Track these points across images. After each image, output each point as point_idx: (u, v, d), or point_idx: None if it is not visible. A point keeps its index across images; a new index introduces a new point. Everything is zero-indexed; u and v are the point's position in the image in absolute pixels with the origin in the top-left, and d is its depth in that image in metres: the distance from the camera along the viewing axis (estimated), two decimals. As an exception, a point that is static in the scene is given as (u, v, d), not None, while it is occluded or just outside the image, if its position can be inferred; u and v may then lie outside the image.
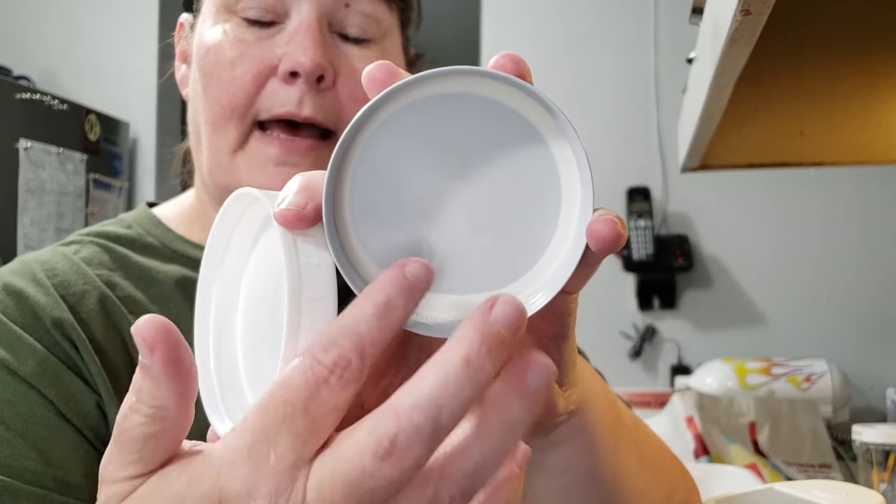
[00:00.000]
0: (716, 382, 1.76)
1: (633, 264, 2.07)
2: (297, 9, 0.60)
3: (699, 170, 1.05)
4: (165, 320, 0.29)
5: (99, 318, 0.59)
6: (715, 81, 0.66)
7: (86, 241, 0.66)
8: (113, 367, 0.58)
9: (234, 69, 0.60)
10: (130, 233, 0.68)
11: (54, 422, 0.54)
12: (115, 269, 0.64)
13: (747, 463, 1.36)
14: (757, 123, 0.94)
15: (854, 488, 0.68)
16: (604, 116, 2.19)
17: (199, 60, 0.62)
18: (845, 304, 2.07)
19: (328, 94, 0.60)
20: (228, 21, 0.61)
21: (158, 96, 2.54)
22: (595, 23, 2.22)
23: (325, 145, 0.61)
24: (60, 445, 0.54)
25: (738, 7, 0.49)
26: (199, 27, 0.64)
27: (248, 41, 0.60)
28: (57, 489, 0.53)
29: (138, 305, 0.62)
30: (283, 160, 0.59)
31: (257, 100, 0.60)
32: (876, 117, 0.94)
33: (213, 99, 0.61)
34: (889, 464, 1.13)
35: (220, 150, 0.61)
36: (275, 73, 0.60)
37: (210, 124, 0.61)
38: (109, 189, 2.41)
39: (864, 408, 1.98)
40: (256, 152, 0.60)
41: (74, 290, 0.60)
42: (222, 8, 0.62)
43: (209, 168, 0.63)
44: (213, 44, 0.61)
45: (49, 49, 2.60)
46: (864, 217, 2.07)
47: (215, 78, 0.60)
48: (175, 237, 0.68)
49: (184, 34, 0.70)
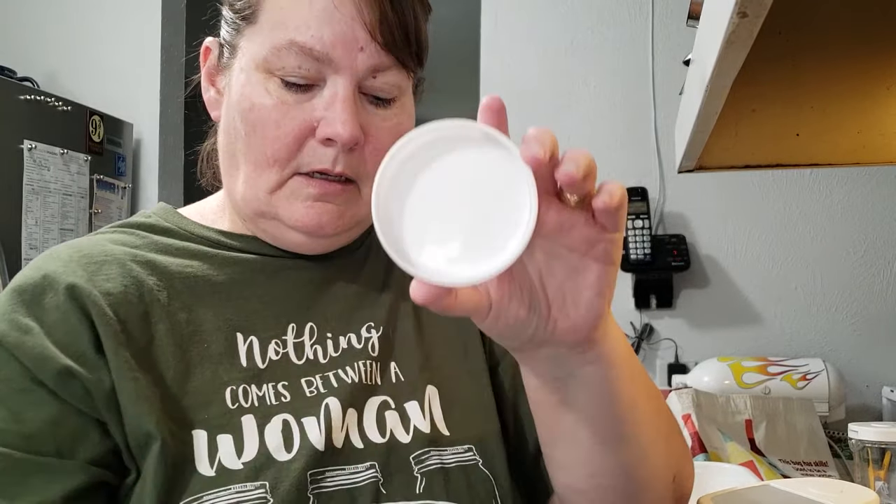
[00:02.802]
0: (713, 381, 1.77)
1: (630, 264, 2.08)
2: (332, 78, 0.68)
3: (696, 170, 1.05)
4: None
5: (119, 280, 0.67)
6: (711, 83, 0.66)
7: (109, 231, 0.75)
8: (127, 317, 0.66)
9: (277, 129, 0.68)
10: (150, 220, 0.76)
11: (29, 386, 0.61)
12: (139, 245, 0.72)
13: (744, 461, 1.35)
14: (753, 125, 0.94)
15: (848, 486, 0.69)
16: (601, 117, 2.20)
17: (242, 111, 0.69)
18: (841, 303, 2.08)
19: (356, 153, 0.70)
20: (269, 80, 0.68)
21: (161, 98, 2.54)
22: (593, 24, 2.23)
23: (350, 188, 0.71)
24: (31, 406, 0.61)
25: (734, 9, 0.50)
26: (238, 73, 0.71)
27: (290, 103, 0.68)
28: (21, 445, 0.59)
29: (157, 267, 0.70)
30: (321, 197, 0.70)
31: (297, 156, 0.69)
32: (871, 119, 0.95)
33: (258, 148, 0.69)
34: (885, 462, 1.14)
35: (259, 187, 0.70)
36: (313, 133, 0.68)
37: (253, 165, 0.70)
38: (113, 189, 2.42)
39: (859, 406, 2.00)
40: (298, 191, 0.70)
41: (96, 259, 0.68)
42: (262, 67, 0.69)
43: (245, 197, 0.72)
44: (256, 100, 0.69)
45: (53, 51, 2.60)
46: (859, 217, 2.08)
47: (259, 132, 0.69)
48: (191, 223, 0.76)
49: (211, 58, 0.76)
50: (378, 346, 0.73)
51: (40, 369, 0.61)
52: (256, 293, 0.72)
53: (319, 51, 0.66)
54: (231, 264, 0.73)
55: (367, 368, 0.72)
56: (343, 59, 0.67)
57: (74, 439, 0.61)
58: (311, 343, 0.71)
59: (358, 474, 0.66)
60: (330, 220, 0.70)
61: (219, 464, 0.62)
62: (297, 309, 0.73)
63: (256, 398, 0.66)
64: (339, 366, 0.71)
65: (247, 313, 0.70)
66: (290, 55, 0.67)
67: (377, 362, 0.73)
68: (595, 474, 0.63)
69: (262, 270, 0.73)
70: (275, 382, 0.68)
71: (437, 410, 0.72)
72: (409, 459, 0.68)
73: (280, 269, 0.74)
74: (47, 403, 0.61)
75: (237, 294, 0.71)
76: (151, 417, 0.61)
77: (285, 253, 0.75)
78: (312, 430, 0.66)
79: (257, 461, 0.63)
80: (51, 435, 0.60)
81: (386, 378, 0.72)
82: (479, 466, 0.71)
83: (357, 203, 0.72)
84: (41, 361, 0.61)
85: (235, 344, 0.68)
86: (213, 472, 0.62)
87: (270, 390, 0.67)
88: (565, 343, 0.53)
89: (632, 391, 0.59)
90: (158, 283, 0.68)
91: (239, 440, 0.64)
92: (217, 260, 0.73)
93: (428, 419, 0.71)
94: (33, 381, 0.61)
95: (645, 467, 0.63)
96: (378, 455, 0.67)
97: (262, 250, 0.74)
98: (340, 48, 0.66)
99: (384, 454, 0.67)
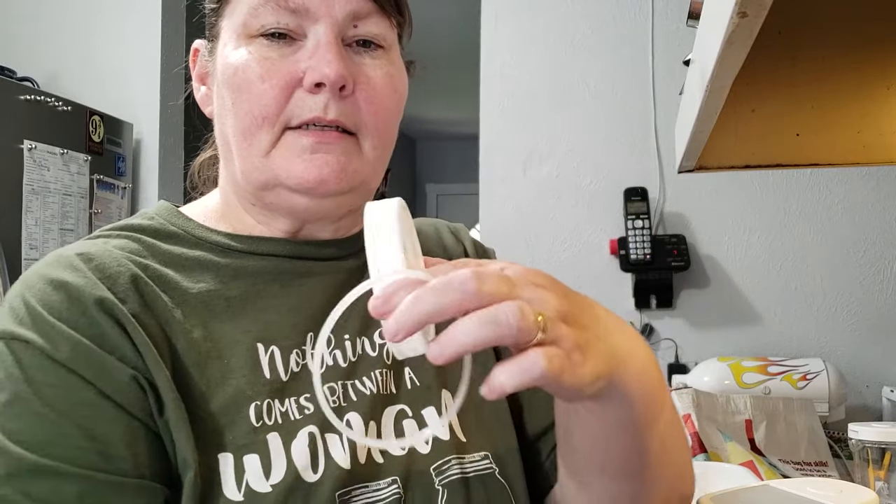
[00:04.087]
0: (713, 381, 1.77)
1: (630, 264, 2.08)
2: (313, 29, 0.67)
3: (696, 171, 1.05)
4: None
5: (135, 297, 0.63)
6: (711, 83, 0.66)
7: (113, 234, 0.71)
8: (151, 335, 0.62)
9: (262, 83, 0.66)
10: (153, 223, 0.72)
11: (95, 401, 0.58)
12: (145, 255, 0.68)
13: (744, 461, 1.35)
14: (753, 125, 0.94)
15: (847, 486, 0.69)
16: (601, 118, 2.20)
17: (227, 79, 0.69)
18: (841, 303, 2.08)
19: (348, 100, 0.68)
20: (251, 43, 0.68)
21: (161, 98, 2.54)
22: (593, 24, 2.23)
23: (349, 138, 0.68)
24: (103, 421, 0.58)
25: (734, 9, 0.50)
26: (221, 50, 0.70)
27: (273, 58, 0.67)
28: (101, 465, 0.57)
29: (170, 284, 0.67)
30: (318, 147, 0.67)
31: (286, 108, 0.67)
32: (870, 119, 0.95)
33: (244, 111, 0.67)
34: (885, 462, 1.14)
35: (252, 154, 0.68)
36: (300, 84, 0.67)
37: (242, 133, 0.68)
38: (113, 189, 2.42)
39: (859, 406, 2.00)
40: (292, 144, 0.67)
41: (109, 272, 0.64)
42: (243, 33, 0.68)
43: (244, 171, 0.69)
44: (240, 63, 0.68)
45: (53, 51, 2.60)
46: (859, 217, 2.08)
47: (245, 92, 0.67)
48: (196, 225, 0.73)
49: (200, 58, 0.76)
50: (391, 353, 0.73)
51: (104, 381, 0.58)
52: (272, 304, 0.70)
53: (296, 1, 0.66)
54: (244, 276, 0.70)
55: (382, 378, 0.71)
56: (320, 7, 0.67)
57: (151, 457, 0.59)
58: (329, 351, 0.70)
59: (381, 491, 0.65)
60: (332, 173, 0.67)
61: (246, 487, 0.60)
62: (313, 318, 0.70)
63: (280, 414, 0.64)
64: (357, 375, 0.70)
65: (265, 324, 0.68)
66: (266, 12, 0.67)
67: (391, 370, 0.72)
68: (602, 498, 0.65)
69: (275, 280, 0.71)
70: (297, 396, 0.66)
71: (454, 415, 0.72)
72: (429, 471, 0.68)
73: (294, 276, 0.72)
74: (118, 419, 0.58)
75: (252, 306, 0.69)
76: (189, 444, 0.59)
77: (298, 251, 0.73)
78: (336, 448, 0.65)
79: (286, 482, 0.61)
80: (128, 452, 0.58)
81: (401, 385, 0.72)
82: (495, 476, 0.71)
83: (359, 157, 0.69)
84: (103, 372, 0.58)
85: (257, 355, 0.66)
86: (240, 496, 0.60)
87: (293, 405, 0.65)
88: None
89: (646, 427, 0.58)
90: (171, 301, 0.65)
91: (266, 459, 0.62)
92: (229, 271, 0.70)
93: (447, 426, 0.70)
94: (99, 395, 0.58)
95: (653, 493, 0.64)
96: (398, 469, 0.67)
97: (275, 250, 0.72)
98: None
99: (404, 467, 0.67)
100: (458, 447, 0.70)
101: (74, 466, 0.56)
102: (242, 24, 0.68)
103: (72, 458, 0.56)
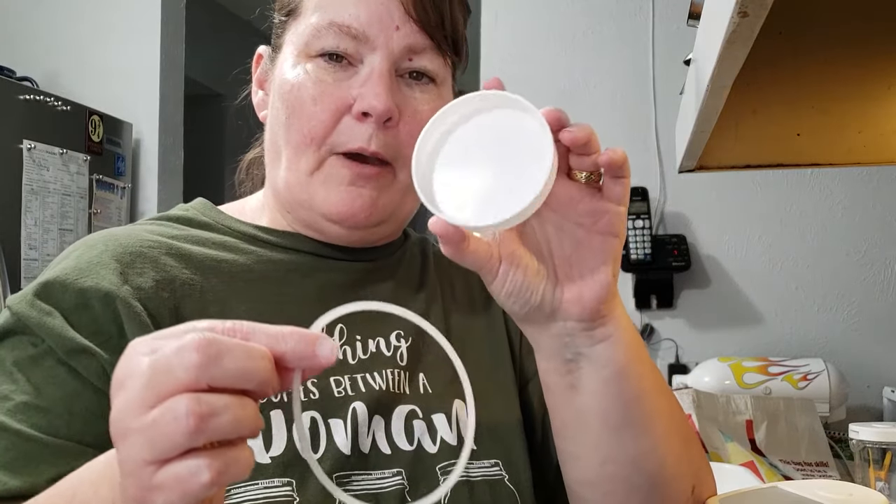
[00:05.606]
0: (713, 381, 1.77)
1: (630, 264, 2.08)
2: (369, 57, 0.70)
3: (696, 170, 1.05)
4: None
5: (150, 272, 0.67)
6: (712, 83, 0.67)
7: (149, 222, 0.76)
8: (157, 311, 0.66)
9: (314, 105, 0.70)
10: (188, 213, 0.77)
11: (49, 363, 0.62)
12: (175, 237, 0.72)
13: (745, 461, 1.36)
14: (754, 125, 0.94)
15: (857, 489, 0.69)
16: (601, 117, 2.20)
17: (283, 94, 0.72)
18: (842, 303, 2.08)
19: (391, 131, 0.71)
20: (309, 62, 0.71)
21: (161, 97, 2.54)
22: (593, 24, 2.23)
23: (385, 172, 0.72)
24: (52, 383, 0.62)
25: (735, 9, 0.50)
26: (281, 64, 0.74)
27: (328, 81, 0.70)
28: (41, 424, 0.60)
29: (192, 260, 0.70)
30: (354, 182, 0.71)
31: (333, 133, 0.70)
32: (871, 119, 0.95)
33: (296, 128, 0.71)
34: (885, 462, 1.14)
35: (300, 170, 0.72)
36: (349, 110, 0.70)
37: (292, 148, 0.72)
38: (112, 189, 2.42)
39: (860, 406, 1.99)
40: (333, 173, 0.71)
41: (131, 249, 0.68)
42: (303, 52, 0.72)
43: (288, 182, 0.73)
44: (296, 81, 0.71)
45: (52, 51, 2.60)
46: (859, 217, 2.08)
47: (298, 111, 0.71)
48: (230, 218, 0.77)
49: (263, 64, 0.80)
50: (406, 356, 0.74)
51: (61, 347, 0.62)
52: (289, 291, 0.72)
53: (357, 28, 0.69)
54: (266, 262, 0.73)
55: (394, 377, 0.72)
56: (379, 36, 0.70)
57: (87, 417, 0.61)
58: (340, 343, 0.71)
59: (384, 480, 0.67)
60: (363, 207, 0.70)
61: None
62: (327, 309, 0.72)
63: (285, 393, 0.65)
64: (367, 370, 0.71)
65: (279, 310, 0.70)
66: (328, 35, 0.70)
67: (405, 371, 0.73)
68: (606, 461, 0.64)
69: (296, 270, 0.74)
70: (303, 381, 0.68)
71: (464, 425, 0.72)
72: (435, 469, 0.69)
73: (314, 269, 0.74)
74: (67, 381, 0.62)
75: (269, 290, 0.72)
76: None
77: (322, 250, 0.75)
78: (339, 432, 0.67)
79: (285, 457, 0.63)
80: (66, 411, 0.61)
81: (414, 388, 0.73)
82: (504, 482, 0.72)
83: (392, 188, 0.72)
84: (61, 340, 0.62)
85: None
86: None
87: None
88: (573, 315, 0.59)
89: (641, 376, 0.62)
90: (192, 277, 0.69)
91: (267, 434, 0.64)
92: (253, 256, 0.73)
93: (455, 433, 0.72)
94: (56, 360, 0.62)
95: (655, 460, 0.64)
96: (405, 462, 0.68)
97: (300, 246, 0.75)
98: (377, 26, 0.69)
99: (411, 462, 0.69)
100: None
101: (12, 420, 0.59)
102: (305, 43, 0.71)
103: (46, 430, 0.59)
